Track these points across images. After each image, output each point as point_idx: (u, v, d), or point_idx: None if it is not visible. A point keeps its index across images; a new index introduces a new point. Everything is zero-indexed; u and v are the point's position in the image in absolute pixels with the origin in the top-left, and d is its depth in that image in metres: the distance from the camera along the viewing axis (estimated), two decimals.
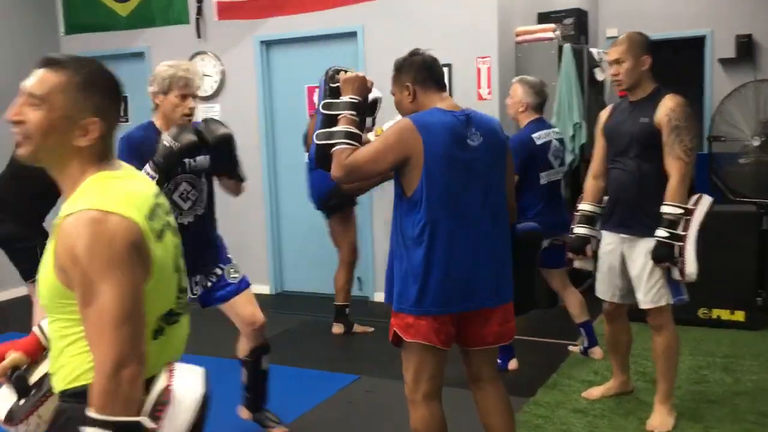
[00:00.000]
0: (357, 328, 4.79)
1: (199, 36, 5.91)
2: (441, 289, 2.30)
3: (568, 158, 5.12)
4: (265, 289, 5.85)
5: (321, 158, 2.45)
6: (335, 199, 4.38)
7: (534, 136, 3.83)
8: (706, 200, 3.12)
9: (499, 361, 3.97)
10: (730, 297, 4.42)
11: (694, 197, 3.11)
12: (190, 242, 2.65)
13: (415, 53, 2.48)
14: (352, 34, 5.40)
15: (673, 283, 3.13)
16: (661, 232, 3.00)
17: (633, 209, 3.14)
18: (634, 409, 3.34)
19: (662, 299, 3.13)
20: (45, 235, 3.85)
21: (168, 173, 2.72)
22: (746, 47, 6.65)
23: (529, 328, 4.34)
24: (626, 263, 3.21)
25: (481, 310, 2.37)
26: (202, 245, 2.95)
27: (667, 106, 3.04)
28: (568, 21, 5.45)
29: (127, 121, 6.61)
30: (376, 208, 5.46)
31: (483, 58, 4.96)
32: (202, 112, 5.95)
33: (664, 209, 3.00)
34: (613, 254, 3.27)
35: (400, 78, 2.45)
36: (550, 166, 3.91)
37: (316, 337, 4.80)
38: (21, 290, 5.26)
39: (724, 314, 4.44)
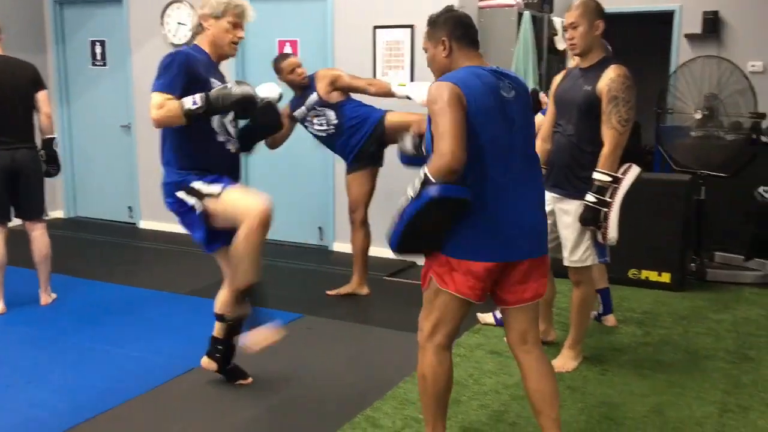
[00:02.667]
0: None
1: None
2: (487, 239, 2.28)
3: None
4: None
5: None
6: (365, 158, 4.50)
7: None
8: (634, 170, 3.31)
9: (499, 316, 4.23)
10: (658, 260, 4.71)
11: (624, 166, 3.30)
12: (230, 166, 3.05)
13: (450, 9, 2.45)
14: None
15: (599, 246, 3.36)
16: (590, 197, 3.19)
17: (567, 172, 3.33)
18: (547, 353, 3.62)
19: (588, 260, 3.35)
20: None
21: (213, 112, 2.81)
22: (712, 23, 6.84)
23: None
24: (557, 221, 3.43)
25: (524, 262, 2.34)
26: (238, 170, 3.13)
27: (609, 77, 3.19)
28: None
29: (105, 65, 6.80)
30: (338, 159, 5.69)
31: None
32: None
33: (595, 175, 3.19)
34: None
35: (435, 33, 2.41)
36: None
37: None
38: None
39: (652, 275, 4.73)
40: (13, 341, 3.90)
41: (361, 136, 4.43)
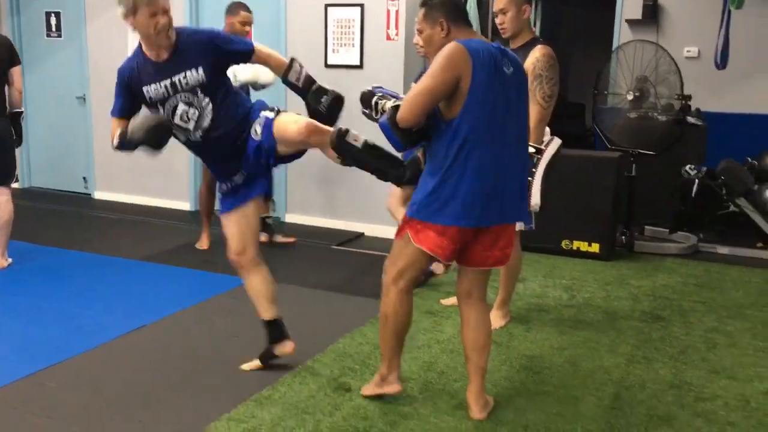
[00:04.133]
0: (279, 238, 5.34)
1: None
2: (467, 205, 2.47)
3: None
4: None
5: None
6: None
7: None
8: (556, 142, 3.58)
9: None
10: (589, 232, 5.03)
11: (547, 139, 3.59)
12: (211, 154, 3.01)
13: None
14: None
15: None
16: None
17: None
18: None
19: (515, 226, 3.65)
20: None
21: (133, 147, 2.81)
22: (651, 9, 7.16)
23: None
24: None
25: (493, 229, 2.56)
26: (222, 153, 2.95)
27: (535, 56, 3.43)
28: None
29: (60, 36, 6.84)
30: None
31: (391, 1, 5.36)
32: (132, 35, 6.22)
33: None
34: None
35: (432, 14, 2.53)
36: None
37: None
38: None
39: (583, 246, 5.05)
40: None
41: None
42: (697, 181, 5.44)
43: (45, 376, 3.09)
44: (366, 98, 2.84)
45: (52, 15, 6.76)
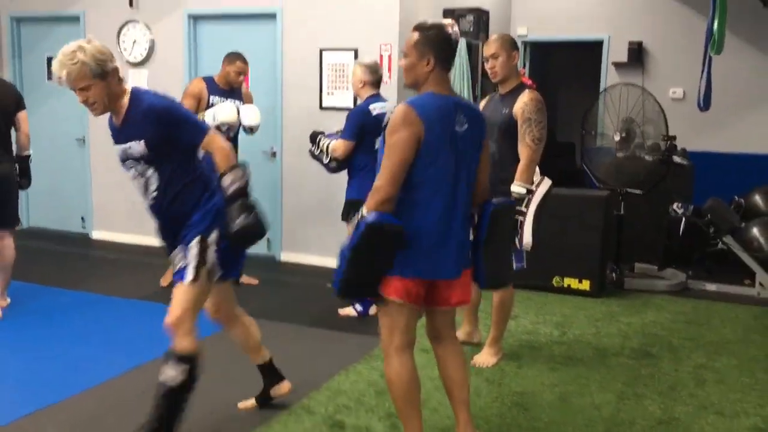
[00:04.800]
0: (243, 279, 5.33)
1: (131, 5, 6.35)
2: (422, 258, 2.52)
3: None
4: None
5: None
6: None
7: (371, 107, 4.44)
8: (546, 182, 3.69)
9: (360, 308, 4.63)
10: (579, 269, 5.12)
11: (537, 179, 3.70)
12: (159, 219, 2.87)
13: (443, 26, 2.56)
14: (272, 16, 5.91)
15: (516, 253, 3.73)
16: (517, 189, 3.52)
17: (491, 187, 3.70)
18: (472, 352, 3.97)
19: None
20: None
21: None
22: (637, 53, 7.40)
23: None
24: None
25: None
26: (170, 223, 2.82)
27: (523, 101, 3.58)
28: (469, 18, 6.05)
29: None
30: (286, 170, 6.00)
31: (385, 44, 5.53)
32: (131, 78, 6.39)
33: (513, 188, 3.55)
34: None
35: (424, 46, 2.53)
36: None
37: None
38: None
39: (574, 283, 5.14)
40: None
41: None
42: (684, 219, 5.56)
43: (44, 415, 3.13)
44: (313, 137, 3.88)
45: (54, 60, 6.90)
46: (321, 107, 5.79)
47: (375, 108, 4.45)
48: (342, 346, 4.09)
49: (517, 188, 3.56)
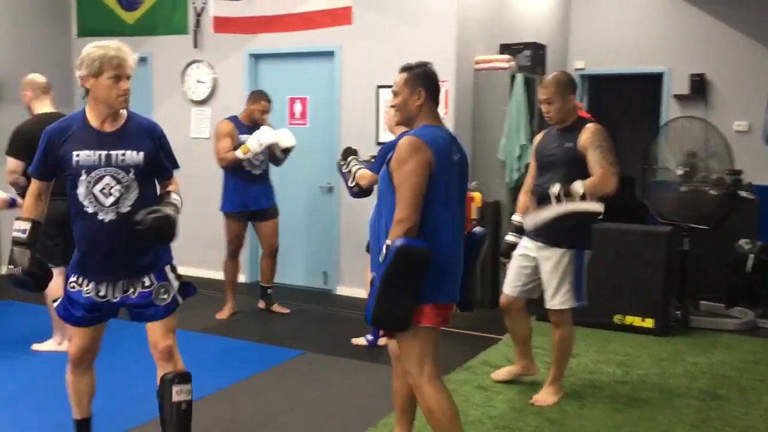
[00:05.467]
0: (274, 307, 5.54)
1: (195, 46, 6.59)
2: (449, 281, 2.62)
3: (515, 176, 5.73)
4: None
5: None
6: None
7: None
8: (594, 205, 3.44)
9: (371, 337, 4.68)
10: (642, 306, 4.98)
11: (593, 204, 3.46)
12: (106, 241, 2.70)
13: (427, 64, 2.74)
14: (330, 53, 6.03)
15: (576, 290, 3.67)
16: (555, 188, 3.43)
17: (551, 224, 3.54)
18: (529, 389, 3.89)
19: (566, 303, 3.66)
20: None
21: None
22: (699, 85, 7.25)
23: (460, 320, 4.91)
24: (539, 267, 3.73)
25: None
26: (124, 248, 2.71)
27: (589, 132, 3.53)
28: (526, 53, 6.05)
29: None
30: (344, 203, 6.05)
31: (443, 81, 5.54)
32: (194, 116, 6.60)
33: (574, 185, 3.39)
34: (527, 257, 3.78)
35: (415, 81, 2.66)
36: None
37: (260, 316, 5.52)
38: None
39: (636, 321, 5.00)
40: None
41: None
42: (752, 255, 5.36)
43: None
44: (346, 153, 4.13)
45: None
46: (377, 143, 5.84)
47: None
48: None
49: (577, 186, 3.40)
